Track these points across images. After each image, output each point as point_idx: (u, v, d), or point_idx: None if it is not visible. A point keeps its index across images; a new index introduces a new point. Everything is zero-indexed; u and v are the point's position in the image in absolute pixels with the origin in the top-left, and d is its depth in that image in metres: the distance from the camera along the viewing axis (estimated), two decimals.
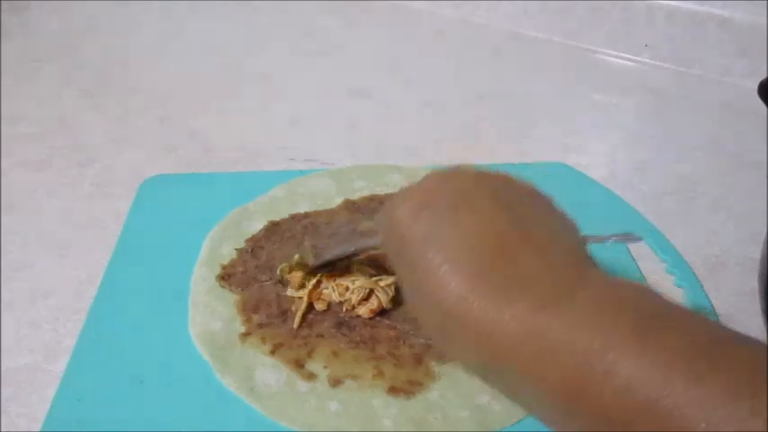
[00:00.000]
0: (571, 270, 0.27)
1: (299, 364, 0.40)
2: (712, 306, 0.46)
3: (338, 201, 0.53)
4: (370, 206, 0.52)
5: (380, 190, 0.54)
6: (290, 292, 0.44)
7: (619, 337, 0.23)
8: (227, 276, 0.46)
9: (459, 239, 0.28)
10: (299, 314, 0.42)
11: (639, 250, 0.51)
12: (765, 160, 0.61)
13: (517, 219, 0.29)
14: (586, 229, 0.53)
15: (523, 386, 0.26)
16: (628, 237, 0.43)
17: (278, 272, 0.45)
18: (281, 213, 0.51)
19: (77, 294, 0.46)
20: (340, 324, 0.42)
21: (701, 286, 0.48)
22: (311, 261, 0.43)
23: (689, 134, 0.68)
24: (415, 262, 0.29)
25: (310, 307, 0.43)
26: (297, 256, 0.44)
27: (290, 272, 0.44)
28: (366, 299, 0.43)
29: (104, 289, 0.45)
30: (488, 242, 0.28)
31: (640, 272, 0.48)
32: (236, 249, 0.48)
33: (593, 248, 0.51)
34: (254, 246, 0.48)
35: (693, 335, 0.23)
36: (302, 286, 0.44)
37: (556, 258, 0.28)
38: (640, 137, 0.68)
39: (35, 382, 0.40)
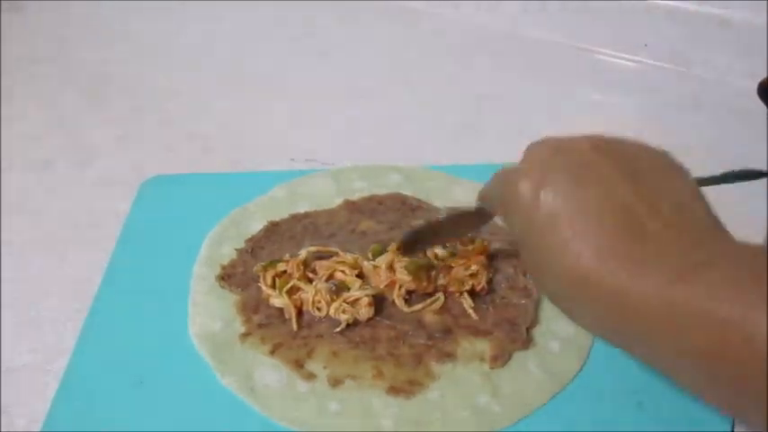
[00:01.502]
0: (703, 239, 0.28)
1: (298, 365, 0.40)
2: None
3: (338, 201, 0.53)
4: (370, 206, 0.52)
5: (380, 190, 0.54)
6: (276, 302, 0.43)
7: (758, 307, 0.23)
8: (226, 276, 0.46)
9: (586, 214, 0.29)
10: (293, 320, 0.42)
11: None
12: (765, 160, 0.61)
13: (642, 187, 0.30)
14: None
15: (657, 351, 0.27)
16: (747, 172, 0.42)
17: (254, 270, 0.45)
18: (281, 213, 0.51)
19: (77, 294, 0.46)
20: (340, 324, 0.42)
21: None
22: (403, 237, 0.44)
23: (688, 134, 0.68)
24: (541, 238, 0.30)
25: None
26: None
27: (265, 271, 0.44)
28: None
29: (104, 289, 0.45)
30: (615, 215, 0.29)
31: None
32: (236, 249, 0.48)
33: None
34: (254, 246, 0.48)
35: None
36: (273, 286, 0.44)
37: (685, 227, 0.29)
38: (639, 137, 0.68)
39: (35, 382, 0.40)
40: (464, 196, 0.54)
